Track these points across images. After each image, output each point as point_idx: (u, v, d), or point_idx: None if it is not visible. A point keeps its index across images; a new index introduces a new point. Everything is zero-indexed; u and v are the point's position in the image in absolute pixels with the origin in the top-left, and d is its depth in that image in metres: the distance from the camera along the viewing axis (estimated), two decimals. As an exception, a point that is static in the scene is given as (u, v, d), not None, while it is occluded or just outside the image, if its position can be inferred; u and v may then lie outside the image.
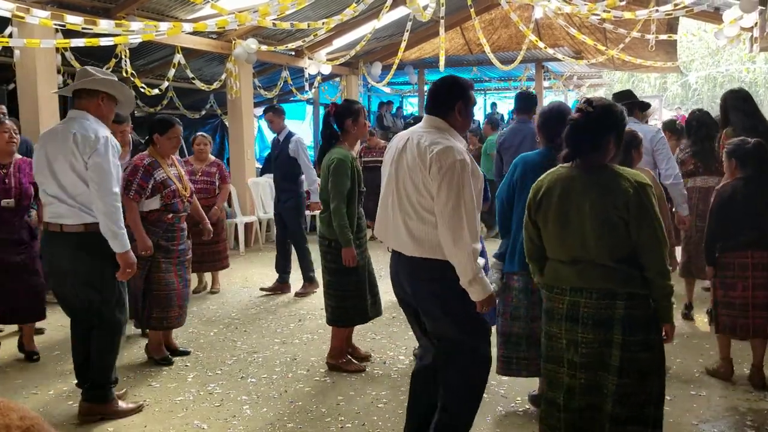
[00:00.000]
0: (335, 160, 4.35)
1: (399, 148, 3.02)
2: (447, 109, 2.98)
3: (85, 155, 3.56)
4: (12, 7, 5.34)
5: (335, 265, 4.44)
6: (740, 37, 9.47)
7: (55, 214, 3.66)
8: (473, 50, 13.76)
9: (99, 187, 3.56)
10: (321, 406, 3.96)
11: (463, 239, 2.77)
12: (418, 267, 2.95)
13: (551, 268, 2.84)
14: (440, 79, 3.11)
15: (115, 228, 3.59)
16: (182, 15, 8.12)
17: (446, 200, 2.79)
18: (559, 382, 2.80)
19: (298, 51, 10.65)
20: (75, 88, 3.76)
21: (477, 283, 2.82)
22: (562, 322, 2.75)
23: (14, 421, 1.26)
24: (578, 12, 8.50)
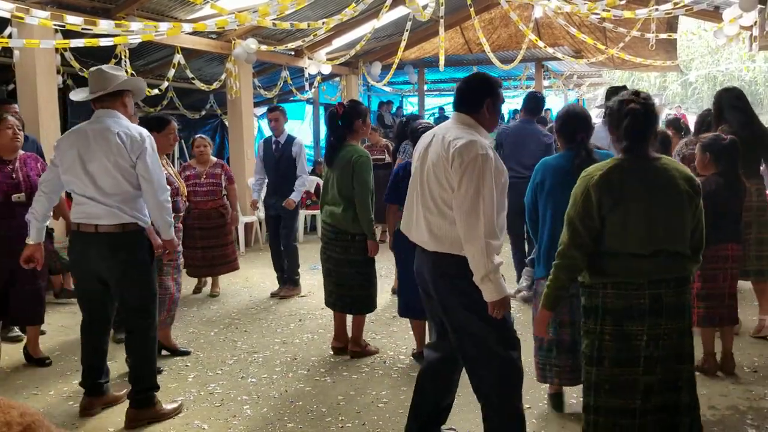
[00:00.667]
0: (361, 156, 4.52)
1: (425, 145, 3.05)
2: (476, 106, 3.00)
3: (133, 154, 3.58)
4: (11, 8, 5.34)
5: (360, 257, 4.63)
6: (740, 36, 9.46)
7: (89, 215, 3.62)
8: (473, 49, 13.76)
9: (152, 185, 3.62)
10: (321, 405, 3.97)
11: (477, 234, 2.74)
12: (439, 262, 2.96)
13: (621, 264, 2.72)
14: (469, 77, 3.14)
15: (168, 218, 3.74)
16: (182, 15, 8.11)
17: (465, 194, 2.77)
18: (632, 384, 2.70)
19: (298, 51, 10.64)
20: (111, 90, 3.70)
21: (489, 281, 2.76)
22: (644, 318, 2.67)
23: (15, 417, 1.27)
24: (578, 11, 8.50)
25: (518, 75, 15.70)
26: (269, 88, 11.09)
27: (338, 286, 4.74)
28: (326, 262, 4.79)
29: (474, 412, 3.80)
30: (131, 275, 3.68)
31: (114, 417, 3.84)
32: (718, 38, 9.37)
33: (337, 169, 4.60)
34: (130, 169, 3.60)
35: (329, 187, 4.70)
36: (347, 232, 4.60)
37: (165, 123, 4.66)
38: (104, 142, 3.58)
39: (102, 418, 3.84)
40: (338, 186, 4.59)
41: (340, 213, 4.60)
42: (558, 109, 18.36)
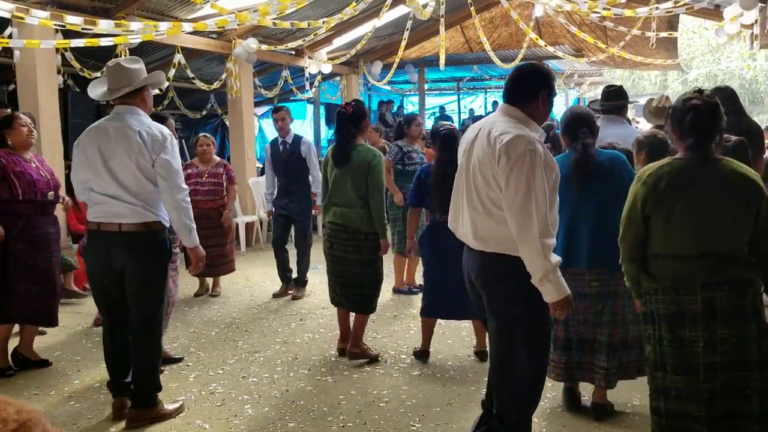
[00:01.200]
0: (376, 156, 4.57)
1: (471, 139, 2.92)
2: (530, 97, 2.86)
3: (154, 153, 3.52)
4: (11, 8, 5.35)
5: (372, 256, 4.65)
6: (740, 35, 9.45)
7: (111, 214, 3.56)
8: (473, 48, 13.75)
9: (170, 184, 3.55)
10: (322, 405, 3.96)
11: (532, 234, 2.63)
12: (485, 260, 2.86)
13: (670, 267, 2.68)
14: (523, 67, 2.98)
15: (188, 222, 3.63)
16: (182, 15, 8.11)
17: (515, 193, 2.66)
18: (695, 392, 2.63)
19: (299, 50, 10.64)
20: (135, 88, 3.64)
21: (549, 282, 2.67)
22: (698, 323, 2.60)
23: (11, 414, 1.27)
24: (578, 10, 8.49)
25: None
26: (270, 88, 11.09)
27: (349, 286, 4.71)
28: (334, 263, 4.75)
29: (475, 411, 3.81)
30: (151, 275, 3.65)
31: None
32: (718, 37, 9.37)
33: (350, 169, 4.58)
34: (151, 168, 3.54)
35: (339, 187, 4.65)
36: (361, 231, 4.59)
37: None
38: (126, 141, 3.52)
39: (103, 418, 3.84)
40: (353, 186, 4.58)
41: (355, 212, 4.58)
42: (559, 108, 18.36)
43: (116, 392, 3.80)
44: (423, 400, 4.01)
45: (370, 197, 4.54)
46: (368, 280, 4.69)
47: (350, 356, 4.71)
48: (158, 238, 3.64)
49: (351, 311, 4.80)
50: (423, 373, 4.46)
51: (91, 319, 5.71)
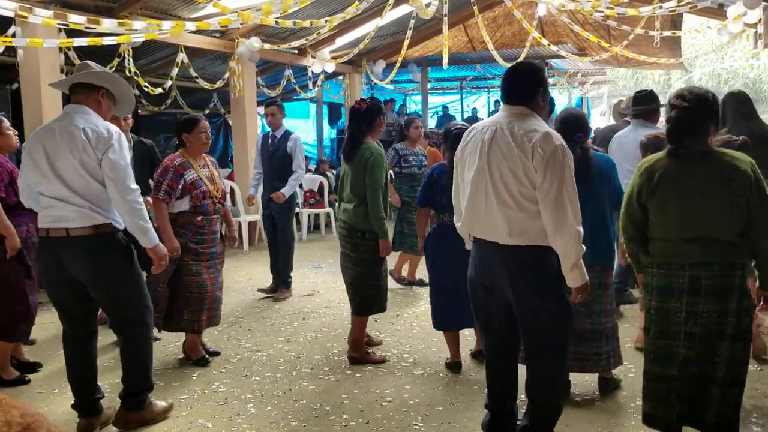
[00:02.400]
0: (373, 154, 4.52)
1: (486, 140, 2.99)
2: (530, 96, 3.03)
3: (98, 152, 3.34)
4: (15, 7, 5.36)
5: (369, 256, 4.58)
6: (744, 34, 9.43)
7: (58, 218, 3.39)
8: (476, 48, 13.73)
9: (119, 185, 3.35)
10: (325, 404, 3.97)
11: (568, 223, 2.83)
12: (516, 255, 2.96)
13: (665, 247, 2.97)
14: (516, 67, 3.16)
15: (141, 223, 3.41)
16: (185, 14, 8.12)
17: (549, 186, 2.83)
18: (672, 355, 2.96)
19: (301, 49, 10.64)
20: (74, 81, 3.50)
21: (577, 268, 2.88)
22: (683, 296, 2.92)
23: (15, 417, 1.28)
24: (582, 9, 8.48)
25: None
26: (272, 87, 11.10)
27: (348, 285, 4.73)
28: (341, 259, 4.78)
29: (477, 411, 3.81)
30: (110, 279, 3.48)
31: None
32: (722, 36, 9.34)
33: (353, 166, 4.60)
34: (98, 167, 3.36)
35: (345, 183, 4.69)
36: (358, 229, 4.58)
37: (194, 123, 4.57)
38: (70, 139, 3.35)
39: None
40: (352, 183, 4.59)
41: (352, 210, 4.59)
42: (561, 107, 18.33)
43: (83, 412, 3.62)
44: (425, 399, 4.00)
45: (367, 195, 4.50)
46: (364, 280, 4.63)
47: (350, 360, 4.67)
48: (109, 240, 3.44)
49: (352, 312, 4.79)
50: (426, 372, 4.46)
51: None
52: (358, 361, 4.64)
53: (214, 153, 14.23)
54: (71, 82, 3.53)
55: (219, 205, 4.65)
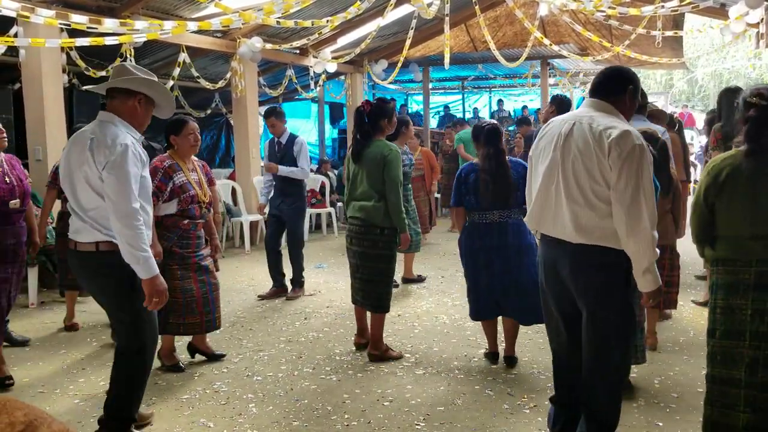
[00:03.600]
0: (392, 151, 4.59)
1: (563, 133, 2.96)
2: (618, 92, 3.00)
3: (99, 165, 3.12)
4: (17, 7, 5.36)
5: (389, 252, 4.67)
6: (746, 33, 9.42)
7: (73, 230, 3.31)
8: (478, 47, 13.74)
9: (114, 205, 3.08)
10: (327, 404, 3.97)
11: (643, 225, 2.76)
12: (584, 254, 2.91)
13: (731, 244, 2.92)
14: (612, 68, 3.15)
15: (136, 252, 3.08)
16: (187, 14, 8.13)
17: (625, 186, 2.77)
18: (737, 357, 2.85)
19: (303, 49, 10.65)
20: (111, 86, 3.32)
21: (650, 272, 2.81)
22: (749, 293, 2.84)
23: (18, 417, 1.30)
24: (583, 8, 8.47)
25: (524, 73, 15.66)
26: (274, 87, 11.10)
27: (366, 282, 4.74)
28: (353, 258, 4.81)
29: (479, 410, 3.81)
30: (109, 301, 3.36)
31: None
32: (724, 35, 9.33)
33: (366, 165, 4.64)
34: (99, 181, 3.14)
35: (358, 182, 4.71)
36: (377, 225, 4.61)
37: (181, 125, 4.44)
38: (80, 150, 3.20)
39: (108, 416, 3.85)
40: (369, 180, 4.62)
41: (371, 206, 4.61)
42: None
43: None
44: (427, 399, 4.00)
45: (387, 192, 4.57)
46: (382, 277, 4.70)
47: (370, 358, 4.72)
48: (108, 260, 3.21)
49: (369, 310, 4.81)
50: (427, 372, 4.46)
51: (96, 317, 5.72)
52: (378, 359, 4.68)
53: (216, 153, 14.23)
54: (108, 87, 3.35)
55: (205, 210, 4.56)
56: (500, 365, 4.54)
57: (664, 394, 3.96)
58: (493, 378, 4.30)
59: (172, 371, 4.54)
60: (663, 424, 3.58)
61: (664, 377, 4.23)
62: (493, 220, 4.36)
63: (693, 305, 5.92)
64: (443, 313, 5.95)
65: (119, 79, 3.31)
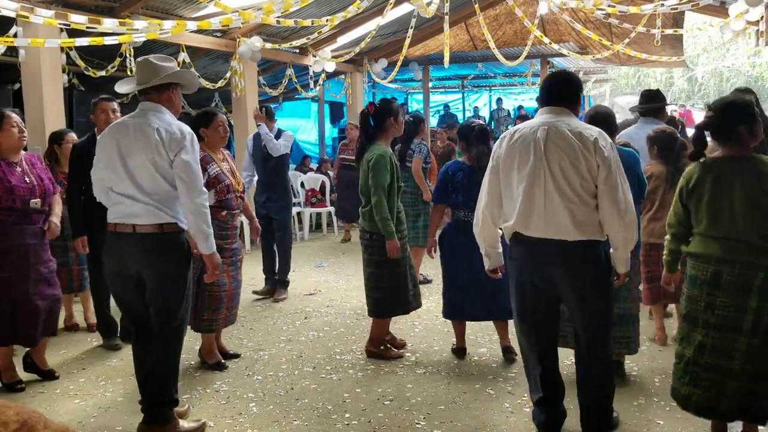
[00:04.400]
0: (375, 156, 4.52)
1: (540, 138, 3.13)
2: (571, 99, 3.29)
3: (171, 152, 3.34)
4: (16, 7, 5.36)
5: (378, 258, 4.58)
6: (746, 31, 9.41)
7: (127, 214, 3.39)
8: (478, 46, 13.72)
9: (188, 187, 3.34)
10: (327, 403, 3.97)
11: (630, 212, 3.08)
12: (579, 250, 3.13)
13: (698, 241, 3.16)
14: (560, 74, 3.48)
15: (205, 228, 3.40)
16: (186, 13, 8.12)
17: (614, 181, 3.05)
18: (692, 339, 3.16)
19: (303, 48, 10.64)
20: (155, 83, 3.47)
21: (628, 254, 3.19)
22: (703, 287, 3.10)
23: (11, 417, 1.30)
24: (583, 7, 8.46)
25: (524, 72, 15.66)
26: (274, 86, 11.09)
27: (365, 286, 4.76)
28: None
29: (480, 409, 3.81)
30: (165, 279, 3.43)
31: (120, 415, 3.85)
32: (724, 33, 9.33)
33: (361, 169, 4.64)
34: (168, 167, 3.36)
35: (360, 186, 4.72)
36: (365, 230, 4.62)
37: (211, 116, 4.52)
38: (144, 138, 3.36)
39: (108, 416, 3.85)
40: (361, 185, 4.64)
41: (362, 211, 4.64)
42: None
43: (153, 418, 3.51)
44: (427, 398, 4.00)
45: (370, 196, 4.52)
46: (376, 282, 4.64)
47: (367, 353, 4.75)
48: (173, 240, 3.44)
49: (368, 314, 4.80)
50: (428, 371, 4.46)
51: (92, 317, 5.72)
52: (373, 356, 4.69)
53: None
54: (144, 86, 3.49)
55: (240, 199, 4.60)
56: (500, 364, 4.54)
57: (665, 393, 3.95)
58: (493, 377, 4.30)
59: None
60: (663, 422, 3.58)
61: (665, 375, 4.22)
62: None
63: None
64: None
65: (161, 77, 3.49)
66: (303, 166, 12.38)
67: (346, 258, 8.58)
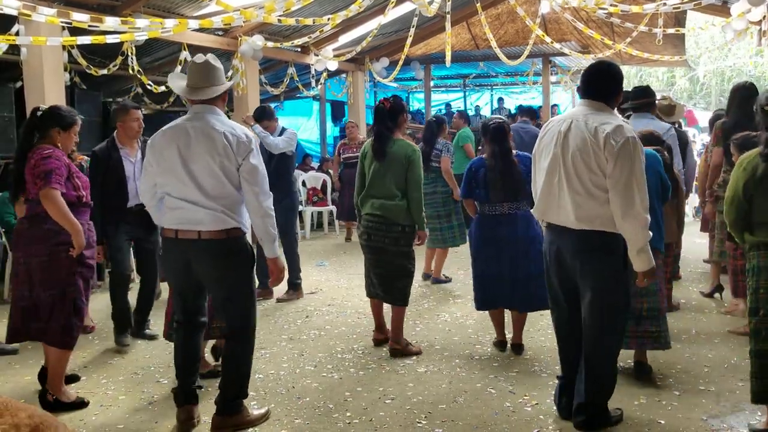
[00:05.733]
0: (416, 151, 4.72)
1: (562, 131, 3.30)
2: (609, 93, 3.35)
3: (240, 156, 3.35)
4: (18, 5, 5.35)
5: (407, 248, 4.75)
6: (748, 31, 9.40)
7: (190, 220, 3.36)
8: (480, 45, 13.72)
9: (258, 190, 3.37)
10: (328, 402, 3.97)
11: (636, 209, 3.10)
12: (586, 239, 3.25)
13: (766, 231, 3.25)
14: (598, 65, 3.50)
15: (272, 231, 3.44)
16: (188, 12, 8.12)
17: (620, 174, 3.09)
18: None
19: (304, 47, 10.63)
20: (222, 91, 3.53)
21: (644, 252, 3.16)
22: None
23: (23, 420, 1.29)
24: (585, 6, 8.46)
25: (525, 71, 15.64)
26: (276, 85, 11.09)
27: (385, 278, 4.78)
28: (371, 254, 4.83)
29: (481, 408, 3.81)
30: (236, 283, 3.48)
31: (122, 413, 3.86)
32: (726, 33, 9.31)
33: (388, 163, 4.69)
34: (235, 171, 3.36)
35: (378, 179, 4.73)
36: (399, 223, 4.67)
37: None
38: (209, 142, 3.34)
39: (110, 414, 3.86)
40: (393, 179, 4.67)
41: (394, 205, 4.67)
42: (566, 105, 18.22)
43: (183, 400, 3.60)
44: (429, 397, 4.00)
45: (410, 191, 4.65)
46: (404, 271, 4.76)
47: (391, 353, 4.75)
48: (239, 244, 3.46)
49: (389, 303, 4.83)
50: (429, 370, 4.46)
51: (97, 317, 5.72)
52: (399, 354, 4.72)
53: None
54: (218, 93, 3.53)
55: None
56: (501, 363, 4.54)
57: (666, 392, 3.96)
58: (494, 376, 4.30)
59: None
60: (665, 422, 3.58)
61: (666, 375, 4.23)
62: (503, 212, 4.60)
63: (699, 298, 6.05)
64: (445, 310, 5.95)
65: (227, 85, 3.59)
66: (304, 165, 12.39)
67: (347, 257, 8.59)
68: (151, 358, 4.79)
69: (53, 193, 3.73)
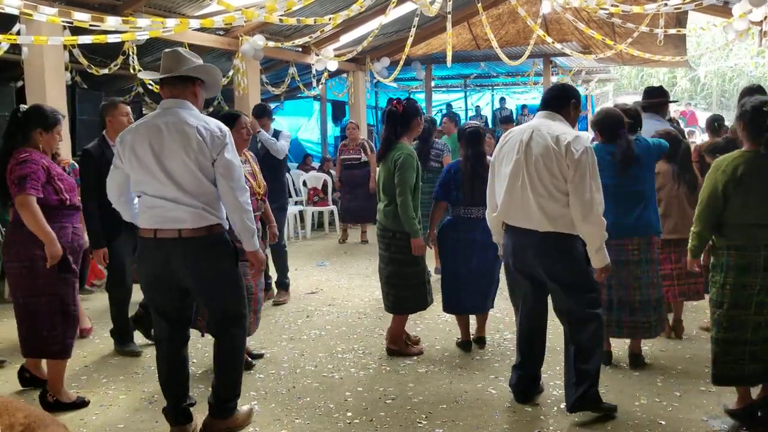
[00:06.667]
0: (403, 154, 4.54)
1: (524, 139, 3.55)
2: (564, 106, 3.65)
3: (214, 151, 3.24)
4: (20, 4, 5.35)
5: (401, 256, 4.61)
6: (749, 31, 9.40)
7: (169, 219, 3.25)
8: (481, 45, 13.71)
9: (233, 185, 3.27)
10: (329, 401, 3.97)
11: (594, 213, 3.39)
12: (551, 241, 3.50)
13: (743, 231, 3.37)
14: (557, 86, 3.98)
15: (250, 225, 3.36)
16: (189, 11, 8.12)
17: (580, 180, 3.38)
18: (744, 323, 3.38)
19: (305, 47, 10.63)
20: (179, 73, 3.34)
21: (601, 251, 3.45)
22: (758, 273, 3.34)
23: (18, 419, 1.30)
24: (586, 6, 8.46)
25: (526, 71, 15.64)
26: (277, 85, 11.09)
27: (383, 284, 4.77)
28: (379, 261, 4.81)
29: (481, 408, 3.80)
30: (222, 281, 3.38)
31: (122, 413, 3.86)
32: (727, 34, 9.31)
33: (385, 168, 4.62)
34: (210, 167, 3.26)
35: (380, 185, 4.71)
36: (388, 229, 4.61)
37: (235, 118, 4.46)
38: (183, 138, 3.22)
39: (110, 414, 3.86)
40: (383, 183, 4.64)
41: (383, 210, 4.64)
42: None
43: (175, 421, 3.47)
44: (429, 397, 4.00)
45: (396, 194, 4.49)
46: (397, 280, 4.65)
47: (388, 352, 4.77)
48: (221, 241, 3.37)
49: (387, 311, 4.82)
50: (429, 370, 4.46)
51: (98, 316, 5.72)
52: (396, 353, 4.72)
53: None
54: (173, 74, 3.35)
55: (261, 201, 4.56)
56: (502, 363, 4.53)
57: (667, 393, 3.96)
58: (495, 376, 4.30)
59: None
60: (666, 422, 3.57)
61: (666, 374, 4.23)
62: (477, 216, 4.54)
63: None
64: (445, 311, 5.94)
65: (189, 68, 3.37)
66: (305, 165, 12.38)
67: (347, 257, 8.58)
68: (152, 358, 4.75)
69: (28, 199, 3.65)
